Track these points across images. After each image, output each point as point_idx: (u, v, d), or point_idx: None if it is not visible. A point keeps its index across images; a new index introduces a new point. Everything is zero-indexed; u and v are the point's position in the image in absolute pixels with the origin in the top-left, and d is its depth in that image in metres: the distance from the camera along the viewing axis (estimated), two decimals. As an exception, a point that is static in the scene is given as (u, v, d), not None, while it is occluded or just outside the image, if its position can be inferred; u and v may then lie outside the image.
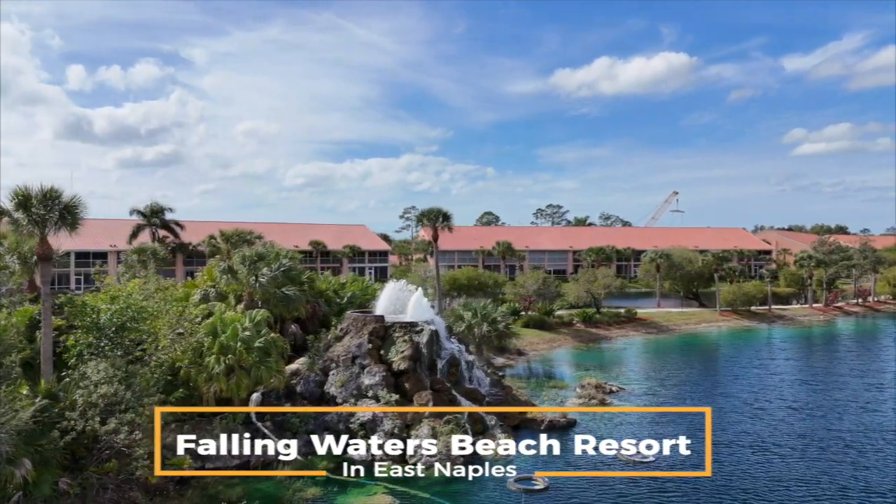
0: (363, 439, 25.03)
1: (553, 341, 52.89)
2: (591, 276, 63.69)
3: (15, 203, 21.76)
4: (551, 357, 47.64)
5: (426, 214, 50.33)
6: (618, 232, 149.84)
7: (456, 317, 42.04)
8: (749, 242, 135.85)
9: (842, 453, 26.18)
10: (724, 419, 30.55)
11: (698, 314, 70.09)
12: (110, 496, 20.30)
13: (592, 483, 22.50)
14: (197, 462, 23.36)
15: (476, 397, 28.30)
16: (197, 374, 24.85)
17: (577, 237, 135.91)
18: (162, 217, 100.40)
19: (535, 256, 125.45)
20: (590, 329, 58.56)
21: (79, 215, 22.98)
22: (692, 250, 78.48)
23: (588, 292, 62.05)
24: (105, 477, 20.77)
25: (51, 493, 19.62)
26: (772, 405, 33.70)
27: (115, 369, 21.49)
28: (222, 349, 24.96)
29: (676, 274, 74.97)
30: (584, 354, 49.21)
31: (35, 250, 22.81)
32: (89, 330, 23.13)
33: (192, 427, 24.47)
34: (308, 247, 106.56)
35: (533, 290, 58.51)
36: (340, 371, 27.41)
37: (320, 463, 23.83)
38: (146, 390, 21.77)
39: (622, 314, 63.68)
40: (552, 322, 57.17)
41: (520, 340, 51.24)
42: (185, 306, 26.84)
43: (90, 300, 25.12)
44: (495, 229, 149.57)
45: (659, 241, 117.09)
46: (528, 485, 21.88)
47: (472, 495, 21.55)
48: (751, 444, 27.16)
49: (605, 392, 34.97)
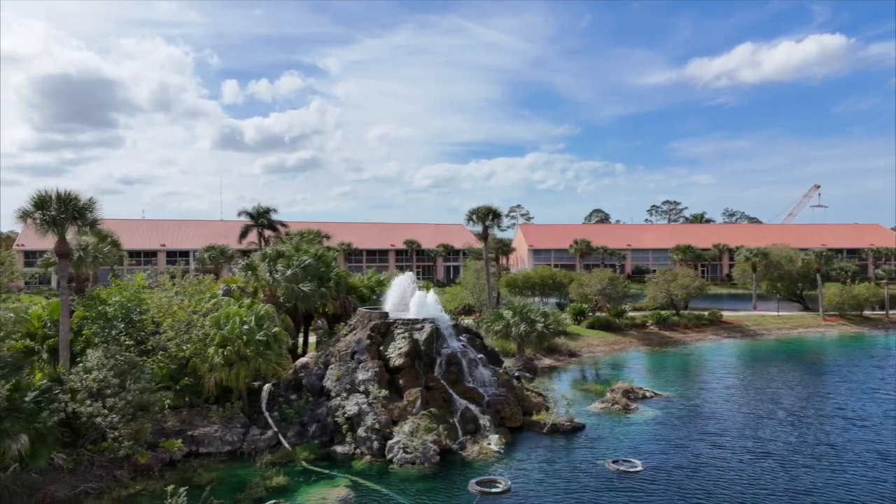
0: (349, 432, 25.55)
1: (616, 344, 50.73)
2: (670, 276, 60.32)
3: (33, 205, 24.37)
4: (606, 360, 45.76)
5: (475, 213, 49.97)
6: (736, 229, 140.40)
7: (496, 316, 41.58)
8: (887, 240, 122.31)
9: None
10: (758, 432, 28.01)
11: (797, 318, 64.26)
12: (97, 473, 22.22)
13: (559, 488, 21.52)
14: (191, 447, 25.04)
15: (473, 397, 27.92)
16: (201, 364, 26.46)
17: (689, 235, 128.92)
18: (268, 218, 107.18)
19: (638, 255, 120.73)
20: (663, 332, 55.55)
21: (90, 216, 25.33)
22: (793, 248, 71.94)
23: (665, 293, 58.83)
24: (99, 455, 22.81)
25: (46, 466, 21.77)
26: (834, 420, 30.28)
27: (110, 357, 23.38)
28: (223, 341, 26.40)
29: (774, 274, 69.14)
30: (643, 358, 46.82)
31: (55, 248, 25.32)
32: (96, 320, 25.38)
33: (189, 413, 26.19)
34: (403, 245, 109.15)
35: (597, 290, 56.35)
36: (338, 365, 28.10)
37: (302, 454, 24.65)
38: (140, 378, 23.44)
39: (704, 317, 59.85)
40: (621, 324, 54.79)
41: (578, 342, 49.79)
42: (199, 300, 28.60)
43: (102, 293, 27.56)
44: (598, 227, 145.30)
45: (780, 238, 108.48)
46: (489, 487, 21.34)
47: (432, 494, 21.36)
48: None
49: (637, 398, 33.17)
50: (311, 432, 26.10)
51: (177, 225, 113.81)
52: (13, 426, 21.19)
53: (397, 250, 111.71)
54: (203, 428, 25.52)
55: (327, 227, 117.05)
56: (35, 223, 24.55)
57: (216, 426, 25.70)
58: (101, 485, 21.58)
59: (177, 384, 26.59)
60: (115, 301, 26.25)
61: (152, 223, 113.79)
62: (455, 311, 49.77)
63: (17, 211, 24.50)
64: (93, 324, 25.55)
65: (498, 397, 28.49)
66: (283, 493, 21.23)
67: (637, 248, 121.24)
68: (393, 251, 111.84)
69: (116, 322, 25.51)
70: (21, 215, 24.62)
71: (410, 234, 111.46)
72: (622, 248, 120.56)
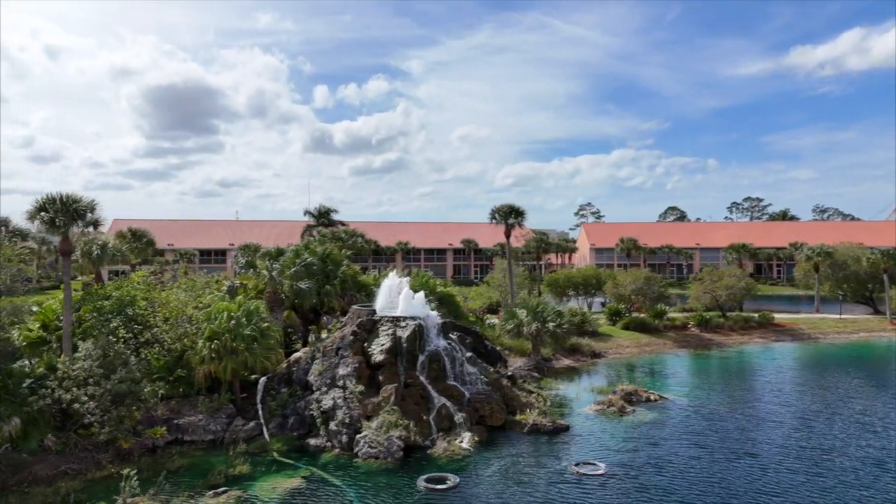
0: (322, 426, 26.24)
1: (647, 346, 49.12)
2: (715, 276, 57.71)
3: (37, 207, 26.49)
4: (630, 362, 44.41)
5: (497, 211, 49.64)
6: (822, 227, 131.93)
7: (510, 315, 41.30)
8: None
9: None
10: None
11: (860, 322, 59.90)
12: (81, 455, 23.89)
13: (507, 487, 21.33)
14: (176, 434, 26.46)
15: (453, 394, 27.95)
16: (193, 357, 27.89)
17: (763, 233, 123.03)
18: (329, 217, 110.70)
19: (707, 254, 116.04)
20: (704, 334, 53.28)
21: (91, 217, 27.25)
22: (859, 247, 67.02)
23: (708, 293, 56.34)
24: (86, 439, 24.53)
25: (37, 448, 23.69)
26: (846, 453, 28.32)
27: (99, 349, 25.08)
28: (212, 334, 27.71)
29: (840, 274, 64.74)
30: (671, 360, 45.10)
31: (58, 246, 27.40)
32: (93, 313, 27.28)
33: (177, 403, 27.65)
34: (460, 245, 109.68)
35: (631, 290, 54.64)
36: (322, 360, 28.86)
37: (275, 445, 25.56)
38: (124, 369, 25.00)
39: (754, 319, 56.90)
40: (657, 325, 52.96)
41: (607, 343, 48.64)
42: (199, 296, 30.12)
43: (104, 289, 29.52)
44: (666, 225, 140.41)
45: (871, 236, 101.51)
46: (435, 483, 21.42)
47: (383, 488, 21.63)
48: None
49: (639, 400, 32.16)
50: (289, 424, 26.99)
51: (249, 225, 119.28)
52: (5, 409, 23.19)
53: (455, 249, 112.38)
54: (189, 417, 26.90)
55: (392, 227, 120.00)
56: (41, 223, 26.66)
57: (202, 416, 27.02)
58: (81, 466, 23.20)
59: (171, 375, 28.17)
60: (113, 296, 28.13)
61: (228, 224, 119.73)
62: (479, 309, 49.73)
63: (24, 213, 26.76)
64: (90, 317, 27.49)
65: (480, 396, 28.41)
66: (241, 481, 22.14)
67: (706, 246, 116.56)
68: (451, 250, 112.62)
69: (111, 315, 27.32)
70: (28, 217, 26.82)
71: (469, 234, 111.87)
72: (690, 246, 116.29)
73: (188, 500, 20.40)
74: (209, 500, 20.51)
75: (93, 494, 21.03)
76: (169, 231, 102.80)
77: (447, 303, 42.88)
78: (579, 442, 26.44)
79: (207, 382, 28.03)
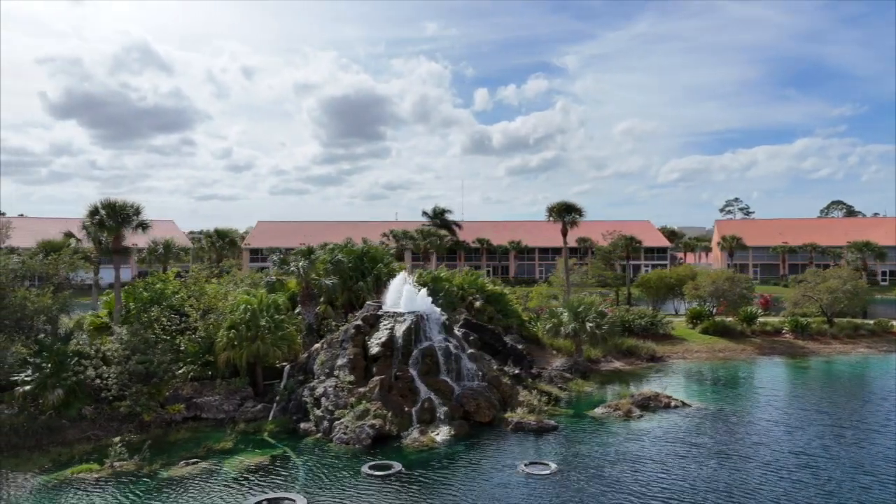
0: (312, 411, 28.22)
1: (722, 351, 45.82)
2: (819, 278, 52.21)
3: (88, 214, 31.18)
4: (692, 368, 41.79)
5: (553, 209, 48.82)
6: None
7: (550, 314, 40.84)
8: None
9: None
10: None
11: None
12: (109, 425, 27.87)
13: (448, 478, 21.96)
14: (194, 412, 29.81)
15: (441, 389, 28.68)
16: (217, 344, 31.20)
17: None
18: (443, 218, 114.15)
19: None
20: (797, 341, 48.51)
21: (134, 220, 31.54)
22: None
23: (808, 296, 51.15)
24: (116, 412, 28.54)
25: (76, 416, 28.01)
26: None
27: (131, 335, 29.02)
28: (231, 324, 30.83)
29: None
30: (739, 367, 41.78)
31: (112, 245, 32.03)
32: (135, 303, 31.49)
33: (201, 385, 31.02)
34: (575, 243, 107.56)
35: (709, 291, 50.93)
36: (326, 351, 30.89)
37: (269, 426, 27.99)
38: (148, 352, 28.68)
39: (868, 326, 50.81)
40: (743, 330, 49.14)
41: (675, 346, 46.23)
42: (229, 291, 33.53)
43: (140, 284, 33.81)
44: (815, 222, 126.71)
45: None
46: (378, 470, 22.51)
47: (336, 471, 23.02)
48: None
49: (658, 406, 30.73)
50: (289, 409, 29.33)
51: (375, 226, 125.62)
52: (52, 381, 27.70)
53: (570, 248, 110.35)
54: (207, 397, 30.18)
55: (512, 226, 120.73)
56: (92, 225, 31.41)
57: (218, 397, 30.20)
58: (103, 433, 27.14)
59: (200, 360, 31.70)
60: (156, 289, 32.32)
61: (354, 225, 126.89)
62: (538, 308, 49.33)
63: (84, 218, 31.65)
64: (133, 306, 31.81)
65: (471, 392, 28.88)
66: (217, 455, 24.75)
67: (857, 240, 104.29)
68: (565, 249, 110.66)
69: (148, 305, 31.39)
70: (84, 221, 31.71)
71: (580, 233, 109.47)
72: (840, 245, 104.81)
73: (164, 468, 23.28)
74: (180, 468, 23.25)
75: (99, 456, 24.48)
76: (301, 231, 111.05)
77: (494, 301, 43.36)
78: (557, 442, 26.12)
79: (229, 368, 31.14)
